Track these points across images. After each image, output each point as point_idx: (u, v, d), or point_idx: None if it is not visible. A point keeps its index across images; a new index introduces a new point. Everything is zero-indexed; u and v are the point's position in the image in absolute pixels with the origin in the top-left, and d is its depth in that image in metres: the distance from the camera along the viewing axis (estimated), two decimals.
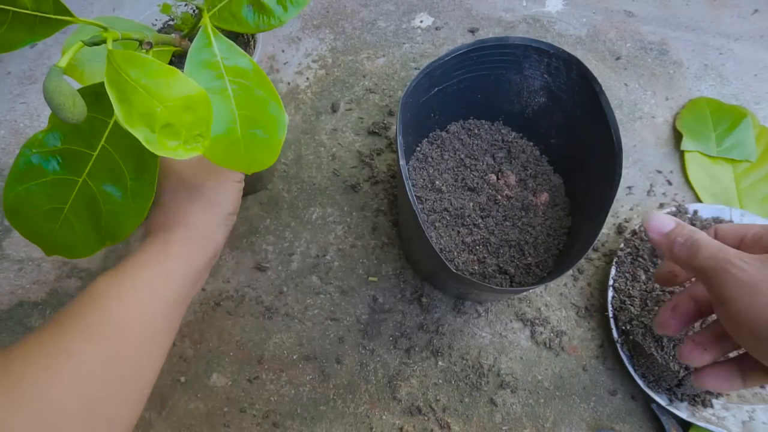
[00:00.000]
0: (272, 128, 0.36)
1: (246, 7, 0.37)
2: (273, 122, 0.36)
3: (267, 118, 0.35)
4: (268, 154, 0.36)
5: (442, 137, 0.62)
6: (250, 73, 0.35)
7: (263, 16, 0.37)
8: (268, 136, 0.36)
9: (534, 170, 0.60)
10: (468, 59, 0.53)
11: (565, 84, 0.54)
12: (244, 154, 0.35)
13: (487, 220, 0.57)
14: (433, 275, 0.56)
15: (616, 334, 0.55)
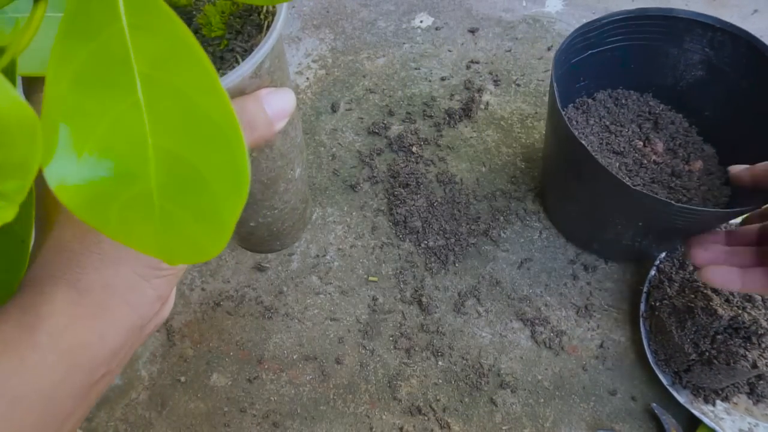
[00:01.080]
0: (223, 182, 0.18)
1: None
2: (226, 170, 0.18)
3: (214, 162, 0.18)
4: (212, 231, 0.19)
5: (588, 104, 0.61)
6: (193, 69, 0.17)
7: None
8: (214, 196, 0.18)
9: (683, 140, 0.60)
10: (626, 26, 0.53)
11: (730, 57, 0.54)
12: (160, 227, 0.18)
13: (634, 179, 0.56)
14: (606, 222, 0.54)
15: (643, 308, 0.56)
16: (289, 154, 0.32)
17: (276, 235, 0.39)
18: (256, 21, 0.27)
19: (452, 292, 0.61)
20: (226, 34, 0.27)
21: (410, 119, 0.73)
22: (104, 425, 0.55)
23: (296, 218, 0.39)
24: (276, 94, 0.26)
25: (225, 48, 0.27)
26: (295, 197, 0.37)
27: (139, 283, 0.24)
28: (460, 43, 0.80)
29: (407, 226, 0.64)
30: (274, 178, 0.32)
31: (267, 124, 0.25)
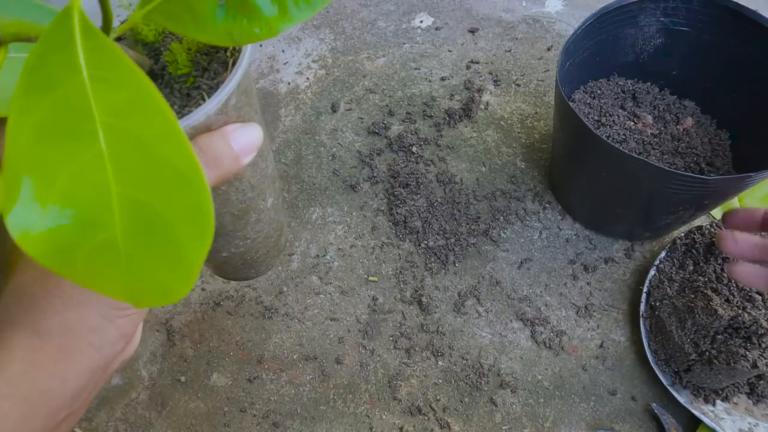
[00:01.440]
0: (188, 225, 0.18)
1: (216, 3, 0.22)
2: (190, 214, 0.18)
3: (179, 207, 0.18)
4: (178, 274, 0.19)
5: None
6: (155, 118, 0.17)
7: (243, 19, 0.22)
8: (179, 240, 0.19)
9: (664, 105, 0.64)
10: (592, 27, 0.57)
11: (686, 18, 0.59)
12: (126, 273, 0.19)
13: (649, 159, 0.59)
14: (616, 199, 0.57)
15: (643, 308, 0.56)
16: (259, 186, 0.32)
17: (250, 263, 0.39)
18: (223, 58, 0.27)
19: (452, 292, 0.61)
20: (193, 71, 0.27)
21: (410, 119, 0.73)
22: (104, 425, 0.55)
23: (270, 246, 0.40)
24: (242, 130, 0.26)
25: (191, 85, 0.26)
26: (268, 226, 0.37)
27: (102, 325, 0.24)
28: (460, 43, 0.80)
29: (407, 226, 0.64)
30: (245, 210, 0.32)
31: (233, 159, 0.25)
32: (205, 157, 0.23)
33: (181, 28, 0.22)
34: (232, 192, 0.29)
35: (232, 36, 0.22)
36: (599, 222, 0.63)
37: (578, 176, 0.59)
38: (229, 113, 0.26)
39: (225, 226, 0.32)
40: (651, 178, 0.48)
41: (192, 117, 0.23)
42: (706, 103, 0.64)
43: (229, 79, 0.24)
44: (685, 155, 0.60)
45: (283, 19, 0.22)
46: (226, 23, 0.22)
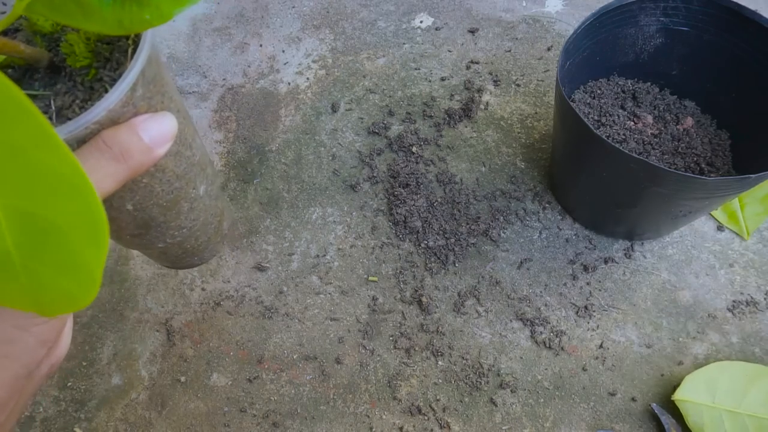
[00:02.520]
0: (81, 231, 0.18)
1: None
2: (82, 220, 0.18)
3: (68, 213, 0.18)
4: (79, 281, 0.19)
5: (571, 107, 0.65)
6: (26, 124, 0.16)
7: (132, 5, 0.21)
8: (75, 247, 0.18)
9: (664, 104, 0.64)
10: (593, 28, 0.57)
11: (686, 18, 0.59)
12: (26, 284, 0.18)
13: (650, 159, 0.59)
14: (616, 199, 0.57)
15: None
16: (186, 175, 0.31)
17: (191, 251, 0.39)
18: (124, 47, 0.26)
19: (452, 292, 0.61)
20: (94, 62, 0.25)
21: (410, 119, 0.73)
22: (104, 425, 0.55)
23: (211, 233, 0.39)
24: (152, 120, 0.25)
25: (94, 77, 0.25)
26: (205, 213, 0.36)
27: (17, 335, 0.23)
28: (460, 43, 0.80)
29: (407, 226, 0.64)
30: (174, 200, 0.31)
31: (144, 151, 0.24)
32: (111, 152, 0.23)
33: (67, 19, 0.21)
34: (155, 184, 0.29)
35: (123, 24, 0.21)
36: (599, 222, 0.63)
37: (578, 176, 0.59)
38: (138, 104, 0.25)
39: (155, 218, 0.31)
40: (651, 178, 0.48)
41: (91, 113, 0.22)
42: (706, 103, 0.64)
43: (128, 71, 0.23)
44: (685, 155, 0.60)
45: (173, 3, 0.21)
46: (115, 10, 0.20)
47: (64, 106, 0.24)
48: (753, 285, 0.60)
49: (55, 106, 0.24)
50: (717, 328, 0.58)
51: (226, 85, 0.79)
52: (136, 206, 0.29)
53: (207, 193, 0.35)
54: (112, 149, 0.23)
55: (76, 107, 0.24)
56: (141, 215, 0.30)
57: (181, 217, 0.33)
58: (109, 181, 0.23)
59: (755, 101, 0.58)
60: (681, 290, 0.60)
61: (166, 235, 0.34)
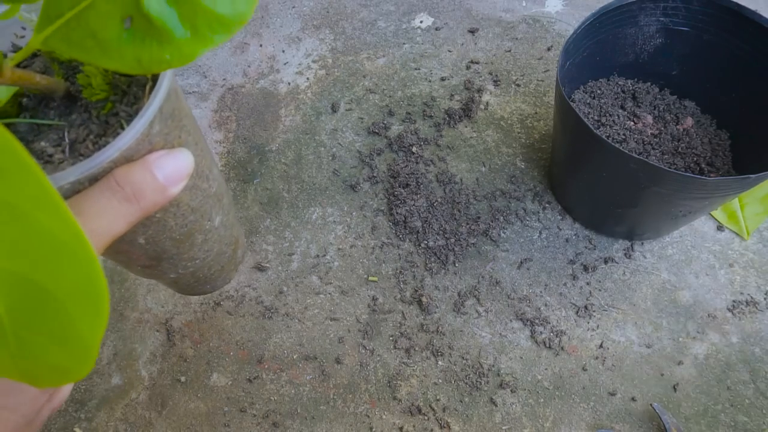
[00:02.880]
0: (79, 301, 0.17)
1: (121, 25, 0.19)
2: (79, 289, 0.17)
3: (66, 282, 0.16)
4: (74, 353, 0.17)
5: None
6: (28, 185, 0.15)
7: (153, 42, 0.20)
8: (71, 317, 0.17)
9: (664, 105, 0.65)
10: (593, 28, 0.57)
11: (686, 18, 0.59)
12: (17, 353, 0.17)
13: (650, 159, 0.59)
14: (616, 199, 0.57)
15: None
16: (202, 207, 0.30)
17: (204, 280, 0.38)
18: (143, 81, 0.25)
19: (452, 292, 0.61)
20: (111, 95, 0.25)
21: (410, 119, 0.73)
22: (104, 425, 0.55)
23: (225, 261, 0.38)
24: (168, 157, 0.24)
25: (110, 111, 0.24)
26: (219, 244, 0.35)
27: (16, 385, 0.23)
28: (460, 43, 0.81)
29: (407, 226, 0.64)
30: (188, 233, 0.30)
31: (158, 191, 0.23)
32: (123, 192, 0.22)
33: (84, 55, 0.20)
34: (169, 218, 0.28)
35: (141, 63, 0.20)
36: (599, 222, 0.63)
37: (578, 176, 0.59)
38: (153, 141, 0.24)
39: (167, 251, 0.30)
40: (651, 178, 0.48)
41: (105, 152, 0.22)
42: (706, 103, 0.64)
43: (145, 109, 0.22)
44: (685, 155, 0.60)
45: (197, 43, 0.20)
46: (134, 48, 0.20)
47: (78, 140, 0.24)
48: (753, 285, 0.60)
49: (69, 138, 0.24)
50: (717, 328, 0.58)
51: (226, 85, 0.79)
52: (149, 240, 0.28)
53: (222, 224, 0.34)
54: (124, 189, 0.22)
55: (89, 142, 0.23)
56: (153, 248, 0.29)
57: (195, 248, 0.32)
58: (120, 223, 0.22)
59: (755, 101, 0.58)
60: (681, 290, 0.60)
61: (179, 266, 0.33)
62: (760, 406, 0.53)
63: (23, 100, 0.25)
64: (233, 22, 0.19)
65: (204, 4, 0.19)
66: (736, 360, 0.56)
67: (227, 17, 0.19)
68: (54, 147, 0.23)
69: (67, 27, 0.19)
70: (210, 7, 0.19)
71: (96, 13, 0.19)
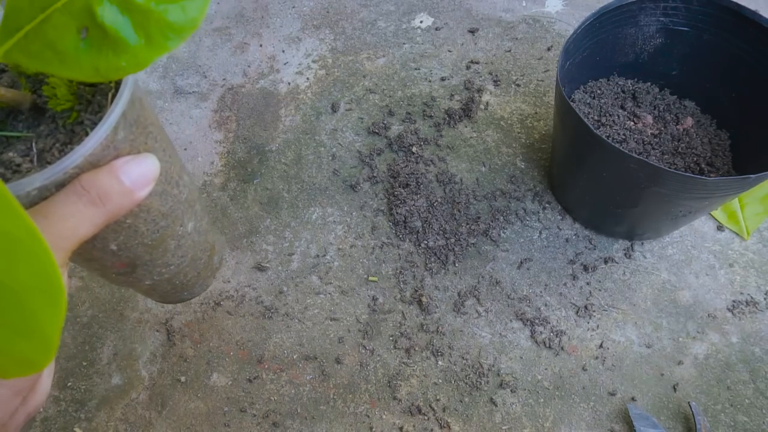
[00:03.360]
0: (37, 295, 0.18)
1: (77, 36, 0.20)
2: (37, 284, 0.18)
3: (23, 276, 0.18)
4: (35, 344, 0.18)
5: None
6: None
7: (108, 51, 0.21)
8: (30, 311, 0.18)
9: (664, 104, 0.65)
10: (593, 28, 0.57)
11: (686, 18, 0.59)
12: None
13: (650, 159, 0.59)
14: (616, 199, 0.57)
15: None
16: (173, 213, 0.31)
17: (181, 287, 0.38)
18: (106, 89, 0.25)
19: (452, 292, 0.61)
20: (76, 104, 0.25)
21: (410, 119, 0.73)
22: (104, 425, 0.55)
23: (201, 268, 0.38)
24: (133, 162, 0.25)
25: (75, 120, 0.25)
26: (193, 249, 0.36)
27: None
28: (460, 43, 0.81)
29: (407, 226, 0.64)
30: (160, 239, 0.31)
31: (124, 194, 0.24)
32: (88, 195, 0.23)
33: (44, 66, 0.21)
34: (140, 223, 0.28)
35: (99, 71, 0.21)
36: (599, 222, 0.63)
37: (578, 176, 0.59)
38: (119, 147, 0.24)
39: (140, 257, 0.31)
40: (651, 178, 0.48)
41: (69, 158, 0.22)
42: (706, 103, 0.64)
43: (107, 116, 0.23)
44: (685, 155, 0.60)
45: (150, 49, 0.21)
46: (91, 57, 0.20)
47: (45, 149, 0.24)
48: (753, 285, 0.60)
49: (37, 148, 0.24)
50: (717, 328, 0.58)
51: (226, 85, 0.79)
52: (120, 246, 0.28)
53: (196, 230, 0.35)
54: (89, 193, 0.23)
55: (56, 151, 0.24)
56: (126, 254, 0.29)
57: (168, 254, 0.33)
58: (86, 226, 0.23)
59: (755, 101, 0.58)
60: (681, 290, 0.60)
61: (153, 273, 0.34)
62: (760, 406, 0.53)
63: None
64: (185, 28, 0.20)
65: (156, 13, 0.20)
66: (736, 360, 0.56)
67: (179, 24, 0.20)
68: (22, 157, 0.24)
69: (26, 40, 0.20)
70: (162, 14, 0.20)
71: (53, 26, 0.20)
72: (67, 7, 0.20)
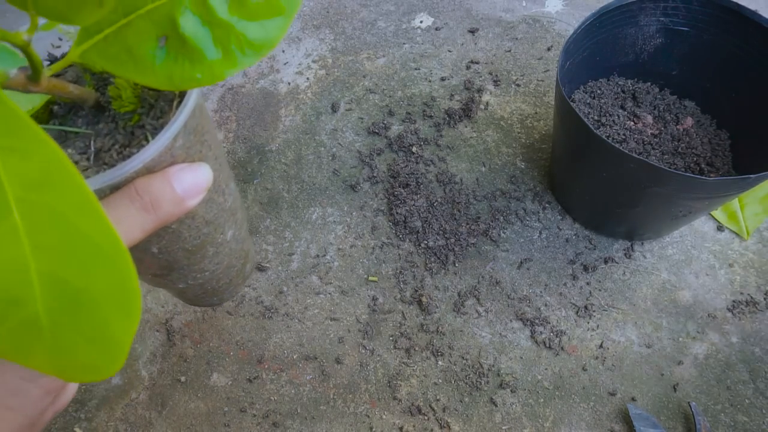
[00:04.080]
0: (113, 303, 0.18)
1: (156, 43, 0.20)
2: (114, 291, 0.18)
3: (101, 284, 0.17)
4: (106, 351, 0.18)
5: None
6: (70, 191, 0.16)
7: (185, 61, 0.21)
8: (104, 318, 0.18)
9: (664, 104, 0.65)
10: (593, 28, 0.57)
11: (686, 18, 0.59)
12: (51, 348, 0.18)
13: (650, 159, 0.59)
14: (616, 199, 0.57)
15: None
16: (216, 221, 0.31)
17: (212, 292, 0.39)
18: (170, 96, 0.26)
19: (452, 292, 0.61)
20: (139, 108, 0.25)
21: (410, 119, 0.73)
22: (104, 425, 0.55)
23: (233, 275, 0.38)
24: (187, 170, 0.25)
25: (136, 123, 0.25)
26: (229, 257, 0.36)
27: (22, 386, 0.24)
28: (460, 43, 0.81)
29: (407, 226, 0.64)
30: (200, 245, 0.31)
31: (175, 202, 0.24)
32: (141, 201, 0.23)
33: (119, 69, 0.21)
34: (183, 229, 0.28)
35: (173, 80, 0.21)
36: (599, 222, 0.63)
37: (578, 176, 0.59)
38: (176, 154, 0.24)
39: (178, 261, 0.31)
40: (651, 178, 0.48)
41: (128, 164, 0.22)
42: (706, 103, 0.64)
43: (170, 124, 0.23)
44: (685, 155, 0.60)
45: (227, 64, 0.21)
46: (167, 66, 0.21)
47: (103, 149, 0.24)
48: (753, 285, 0.60)
49: (95, 147, 0.25)
50: (717, 328, 0.58)
51: (226, 85, 0.79)
52: (162, 249, 0.28)
53: (234, 238, 0.35)
54: (143, 198, 0.23)
55: (114, 152, 0.24)
56: (165, 257, 0.29)
57: (206, 260, 0.33)
58: (137, 231, 0.23)
59: (755, 101, 0.58)
60: (681, 290, 0.60)
61: (188, 277, 0.34)
62: (760, 406, 0.53)
63: (54, 108, 0.26)
64: (263, 46, 0.20)
65: (237, 29, 0.20)
66: (736, 360, 0.56)
67: (258, 41, 0.20)
68: (80, 154, 0.24)
69: (105, 42, 0.20)
70: (242, 31, 0.20)
71: (134, 31, 0.20)
72: (150, 14, 0.20)
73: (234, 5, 0.20)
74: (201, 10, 0.20)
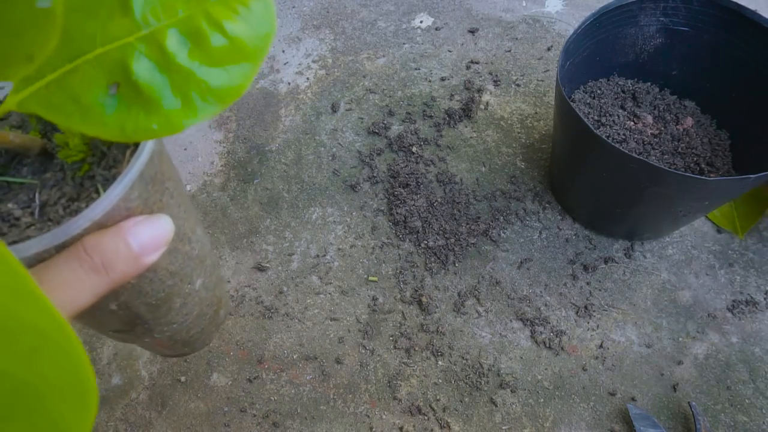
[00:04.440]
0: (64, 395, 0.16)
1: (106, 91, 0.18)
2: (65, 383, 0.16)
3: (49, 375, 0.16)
4: None
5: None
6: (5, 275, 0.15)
7: (139, 111, 0.19)
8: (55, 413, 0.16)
9: (664, 104, 0.65)
10: (593, 28, 0.57)
11: (687, 18, 0.59)
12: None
13: (650, 159, 0.59)
14: (616, 199, 0.57)
15: None
16: (181, 271, 0.28)
17: (182, 343, 0.35)
18: (125, 143, 0.22)
19: (452, 292, 0.61)
20: (89, 156, 0.23)
21: (410, 119, 0.73)
22: (104, 425, 0.55)
23: (205, 324, 0.35)
24: (144, 224, 0.22)
25: (86, 174, 0.23)
26: (200, 306, 0.33)
27: None
28: (460, 43, 0.81)
29: (407, 226, 0.64)
30: (165, 298, 0.28)
31: (130, 260, 0.21)
32: (91, 262, 0.20)
33: (63, 120, 0.18)
34: (145, 284, 0.26)
35: (125, 131, 0.19)
36: (599, 222, 0.63)
37: (578, 176, 0.59)
38: (132, 206, 0.22)
39: (142, 316, 0.28)
40: (651, 178, 0.48)
41: (75, 223, 0.20)
42: (706, 103, 0.64)
43: (122, 176, 0.21)
44: (685, 155, 0.60)
45: (186, 113, 0.19)
46: (119, 116, 0.18)
47: (48, 202, 0.22)
48: (753, 285, 0.60)
49: (40, 200, 0.22)
50: (717, 328, 0.58)
51: None
52: (121, 306, 0.26)
53: (204, 286, 0.32)
54: (92, 259, 0.20)
55: (60, 207, 0.22)
56: (126, 314, 0.27)
57: (172, 313, 0.30)
58: (86, 296, 0.20)
59: (755, 101, 0.58)
60: (681, 290, 0.60)
61: (155, 331, 0.31)
62: (760, 406, 0.53)
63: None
64: (227, 95, 0.19)
65: (198, 76, 0.18)
66: (736, 360, 0.56)
67: (221, 89, 0.18)
68: (22, 209, 0.22)
69: (47, 90, 0.18)
70: (204, 78, 0.18)
71: (81, 78, 0.18)
72: (99, 60, 0.18)
73: (195, 50, 0.18)
74: (157, 56, 0.18)
